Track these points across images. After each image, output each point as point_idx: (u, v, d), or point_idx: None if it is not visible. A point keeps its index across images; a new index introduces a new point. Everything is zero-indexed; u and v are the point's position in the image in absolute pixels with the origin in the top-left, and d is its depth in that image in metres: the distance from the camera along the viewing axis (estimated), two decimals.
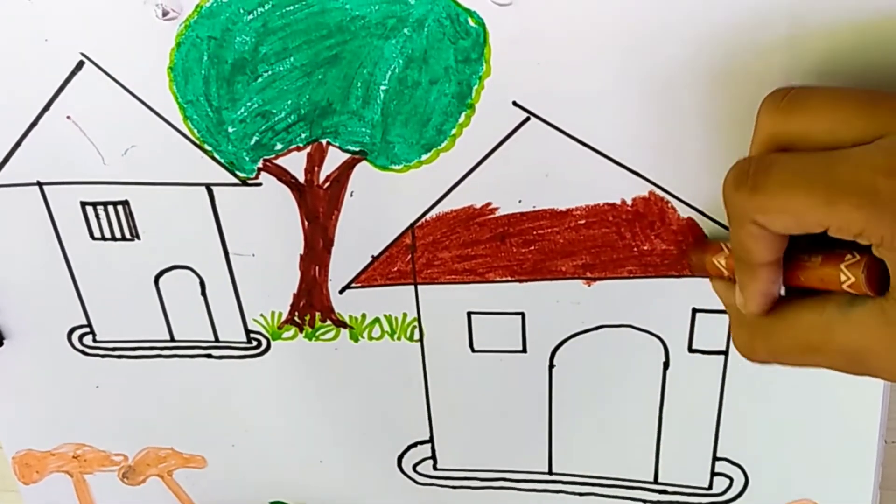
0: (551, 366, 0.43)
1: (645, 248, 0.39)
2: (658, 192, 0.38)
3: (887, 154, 0.26)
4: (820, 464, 0.44)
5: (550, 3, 0.34)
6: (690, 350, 0.42)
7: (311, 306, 0.44)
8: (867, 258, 0.29)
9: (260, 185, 0.40)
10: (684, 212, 0.38)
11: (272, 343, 0.45)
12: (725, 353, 0.41)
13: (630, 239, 0.39)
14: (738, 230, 0.30)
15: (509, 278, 0.41)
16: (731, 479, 0.45)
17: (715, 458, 0.45)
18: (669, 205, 0.38)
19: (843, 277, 0.30)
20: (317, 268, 0.42)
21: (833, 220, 0.27)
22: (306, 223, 0.41)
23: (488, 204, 0.39)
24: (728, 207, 0.30)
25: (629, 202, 0.38)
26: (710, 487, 0.46)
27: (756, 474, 0.45)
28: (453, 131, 0.38)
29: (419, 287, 0.42)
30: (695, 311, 0.40)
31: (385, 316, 0.44)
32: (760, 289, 0.32)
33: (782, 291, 0.33)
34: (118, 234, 0.43)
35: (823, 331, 0.30)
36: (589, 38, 0.34)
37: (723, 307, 0.39)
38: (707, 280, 0.39)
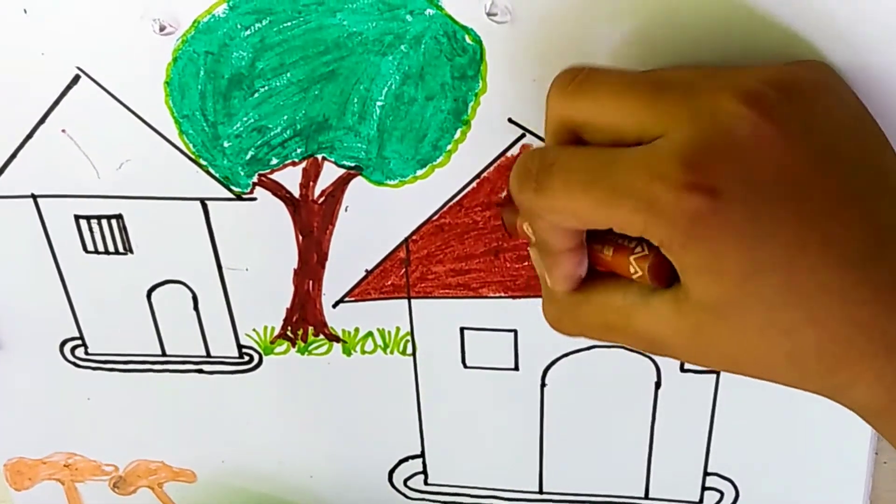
0: (543, 384, 0.43)
1: None
2: None
3: (661, 159, 0.26)
4: (810, 478, 0.44)
5: (547, 20, 0.34)
6: (682, 370, 0.42)
7: (304, 321, 0.43)
8: (654, 253, 0.29)
9: (255, 199, 0.40)
10: None
11: (264, 358, 0.45)
12: (717, 371, 0.42)
13: None
14: (532, 223, 0.30)
15: (502, 294, 0.41)
16: (722, 494, 0.46)
17: (706, 473, 0.45)
18: None
19: (632, 269, 0.30)
20: (311, 282, 0.42)
21: (614, 222, 0.27)
22: (300, 237, 0.41)
23: (483, 217, 0.39)
24: (517, 203, 0.30)
25: None
26: (701, 502, 0.46)
27: (746, 489, 0.45)
28: (449, 147, 0.38)
29: (413, 301, 0.42)
30: None
31: (378, 330, 0.44)
32: (563, 273, 0.31)
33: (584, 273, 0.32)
34: (111, 248, 0.43)
35: (625, 315, 0.30)
36: (585, 56, 0.34)
37: None
38: None
